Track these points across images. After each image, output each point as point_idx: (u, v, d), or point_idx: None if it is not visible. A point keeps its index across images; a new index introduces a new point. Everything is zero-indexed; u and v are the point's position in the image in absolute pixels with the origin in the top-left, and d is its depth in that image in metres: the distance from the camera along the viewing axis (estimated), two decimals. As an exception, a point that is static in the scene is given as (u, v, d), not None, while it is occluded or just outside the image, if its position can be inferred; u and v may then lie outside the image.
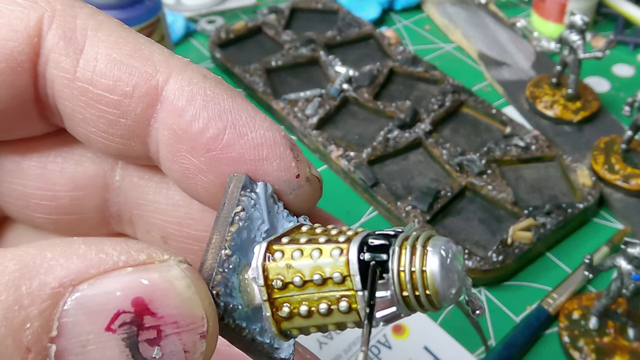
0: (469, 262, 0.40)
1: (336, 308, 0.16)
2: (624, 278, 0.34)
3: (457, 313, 0.39)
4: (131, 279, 0.14)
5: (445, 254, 0.16)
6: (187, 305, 0.15)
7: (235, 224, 0.17)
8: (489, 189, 0.44)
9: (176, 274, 0.15)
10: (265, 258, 0.17)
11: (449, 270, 0.16)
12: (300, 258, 0.16)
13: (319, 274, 0.16)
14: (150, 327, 0.14)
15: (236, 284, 0.17)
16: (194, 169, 0.18)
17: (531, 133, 0.48)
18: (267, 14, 0.62)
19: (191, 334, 0.15)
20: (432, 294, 0.15)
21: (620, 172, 0.45)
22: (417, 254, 0.15)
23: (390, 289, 0.16)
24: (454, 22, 0.62)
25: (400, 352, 0.37)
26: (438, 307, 0.16)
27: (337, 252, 0.16)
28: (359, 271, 0.16)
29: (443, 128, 0.50)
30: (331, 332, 0.37)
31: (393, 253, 0.16)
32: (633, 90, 0.49)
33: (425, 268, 0.15)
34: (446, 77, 0.54)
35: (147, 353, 0.14)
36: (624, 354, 0.36)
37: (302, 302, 0.16)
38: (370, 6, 0.64)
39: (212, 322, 0.15)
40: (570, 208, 0.43)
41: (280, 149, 0.18)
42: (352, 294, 0.16)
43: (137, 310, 0.14)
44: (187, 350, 0.15)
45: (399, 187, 0.45)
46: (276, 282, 0.16)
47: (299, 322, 0.17)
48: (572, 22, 0.49)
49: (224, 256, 0.17)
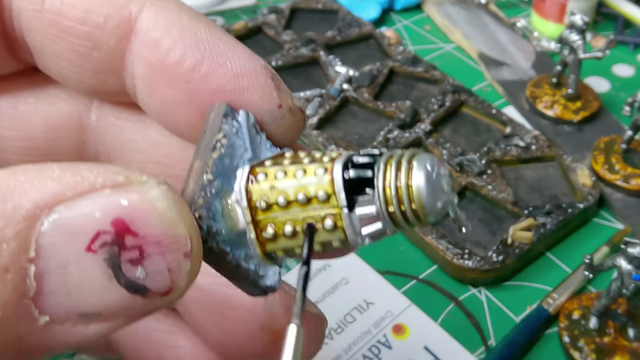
0: (469, 262, 0.40)
1: (321, 226, 0.16)
2: (624, 278, 0.34)
3: (457, 313, 0.39)
4: (110, 200, 0.14)
5: (430, 168, 0.15)
6: (169, 225, 0.14)
7: (217, 150, 0.17)
8: (489, 189, 0.44)
9: (156, 195, 0.14)
10: (248, 180, 0.17)
11: (435, 183, 0.15)
12: (284, 178, 0.16)
13: (303, 193, 0.16)
14: (132, 247, 0.14)
15: (219, 208, 0.17)
16: (173, 101, 0.17)
17: (531, 133, 0.48)
18: (267, 14, 0.62)
19: (175, 253, 0.14)
20: (418, 207, 0.15)
21: (621, 172, 0.45)
22: (403, 169, 0.15)
23: (376, 204, 0.15)
24: (454, 22, 0.62)
25: (400, 352, 0.37)
26: (424, 221, 0.16)
27: (322, 171, 0.16)
28: (343, 188, 0.16)
29: (443, 128, 0.50)
30: (331, 332, 0.37)
31: (378, 169, 0.16)
32: (633, 90, 0.49)
33: (410, 182, 0.15)
34: (446, 77, 0.54)
35: (130, 273, 0.14)
36: (624, 354, 0.36)
37: (286, 222, 0.16)
38: (370, 6, 0.64)
39: (195, 242, 0.15)
40: (570, 208, 0.43)
41: (261, 78, 0.18)
42: (337, 212, 0.16)
43: (118, 230, 0.14)
44: (171, 269, 0.15)
45: (399, 187, 0.45)
46: (260, 203, 0.16)
47: (284, 242, 0.16)
48: (572, 22, 0.49)
49: (205, 181, 0.17)
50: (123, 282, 0.14)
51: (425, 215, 0.15)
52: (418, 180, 0.15)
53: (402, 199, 0.15)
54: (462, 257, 0.40)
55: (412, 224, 0.16)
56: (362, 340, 0.37)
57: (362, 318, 0.38)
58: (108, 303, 0.14)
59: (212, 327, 0.21)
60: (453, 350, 0.37)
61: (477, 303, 0.40)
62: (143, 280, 0.14)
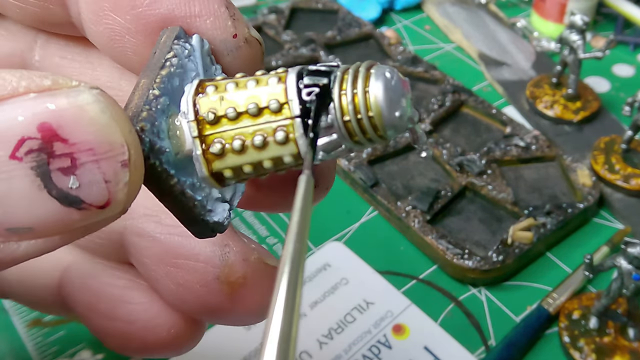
0: (469, 262, 0.40)
1: (272, 140, 0.15)
2: (624, 278, 0.34)
3: (458, 313, 0.39)
4: (35, 104, 0.13)
5: (390, 76, 0.14)
6: (102, 130, 0.13)
7: (167, 69, 0.16)
8: (489, 189, 0.44)
9: (87, 98, 0.13)
10: (196, 93, 0.16)
11: (393, 92, 0.14)
12: (235, 90, 0.15)
13: (254, 104, 0.15)
14: (63, 155, 0.13)
15: (164, 127, 0.16)
16: (120, 29, 0.17)
17: (531, 133, 0.48)
18: (267, 14, 0.62)
19: (111, 162, 0.13)
20: (376, 115, 0.14)
21: (621, 172, 0.45)
22: (360, 76, 0.14)
23: (331, 113, 0.15)
24: (454, 22, 0.62)
25: (400, 352, 0.37)
26: (382, 133, 0.15)
27: (275, 80, 0.15)
28: (297, 96, 0.15)
29: (443, 128, 0.50)
30: (331, 332, 0.37)
31: (335, 78, 0.15)
32: (633, 90, 0.49)
33: (368, 89, 0.14)
34: (446, 77, 0.54)
35: (62, 183, 0.13)
36: (624, 354, 0.36)
37: (235, 136, 0.15)
38: (370, 6, 0.64)
39: (134, 150, 0.14)
40: (570, 208, 0.43)
41: (214, 5, 0.16)
42: (289, 123, 0.15)
43: (45, 136, 0.13)
44: (107, 179, 0.14)
45: (399, 187, 0.45)
46: (208, 115, 0.15)
47: (232, 159, 0.15)
48: (572, 22, 0.49)
49: (151, 96, 0.15)
50: (54, 193, 0.13)
51: (383, 125, 0.15)
52: (376, 87, 0.14)
53: (359, 107, 0.14)
54: (462, 257, 0.40)
55: (370, 136, 0.15)
56: (362, 340, 0.37)
57: (362, 318, 0.38)
58: (39, 216, 0.13)
59: (167, 279, 0.20)
60: (453, 350, 0.37)
61: (477, 303, 0.40)
62: (77, 191, 0.13)
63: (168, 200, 0.16)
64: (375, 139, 0.15)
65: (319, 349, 0.36)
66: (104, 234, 0.21)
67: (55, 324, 0.38)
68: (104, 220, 0.14)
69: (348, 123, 0.15)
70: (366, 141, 0.15)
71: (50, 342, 0.38)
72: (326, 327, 0.38)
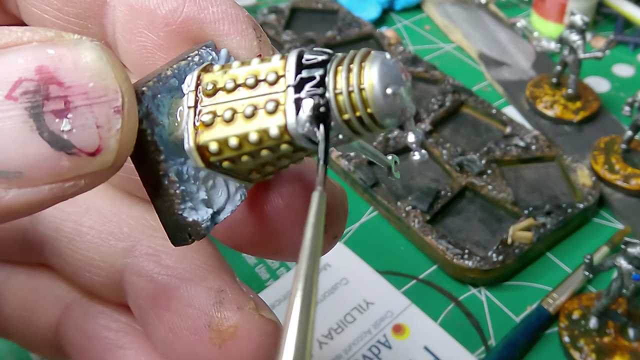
0: (469, 262, 0.40)
1: (263, 110, 0.15)
2: (624, 278, 0.34)
3: (458, 313, 0.39)
4: (35, 49, 0.13)
5: (389, 58, 0.14)
6: (97, 75, 0.14)
7: (187, 61, 0.16)
8: (489, 189, 0.44)
9: (86, 46, 0.14)
10: (204, 69, 0.16)
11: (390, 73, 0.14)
12: (239, 66, 0.15)
13: (253, 76, 0.15)
14: (57, 98, 0.13)
15: (167, 103, 0.16)
16: (152, 46, 0.17)
17: (531, 133, 0.48)
18: (267, 14, 0.62)
19: (103, 107, 0.14)
20: (368, 89, 0.14)
21: (621, 172, 0.45)
22: (354, 71, 0.14)
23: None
24: (454, 22, 0.62)
25: (400, 352, 0.37)
26: (382, 124, 0.15)
27: (278, 57, 0.15)
28: (295, 69, 0.15)
29: (443, 128, 0.50)
30: (331, 332, 0.37)
31: (334, 57, 0.15)
32: (633, 90, 0.49)
33: (363, 86, 0.14)
34: (446, 77, 0.54)
35: (54, 125, 0.13)
36: (624, 354, 0.36)
37: (227, 108, 0.15)
38: (370, 6, 0.64)
39: (128, 99, 0.14)
40: (570, 208, 0.43)
41: (242, 25, 0.17)
42: (282, 94, 0.15)
43: (42, 78, 0.13)
44: (99, 125, 0.14)
45: (399, 187, 0.45)
46: (207, 86, 0.15)
47: (220, 130, 0.15)
48: (572, 22, 0.49)
49: (163, 74, 0.16)
50: (46, 136, 0.13)
51: (381, 118, 0.14)
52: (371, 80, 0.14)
53: (356, 106, 0.14)
54: (462, 257, 0.40)
55: (371, 129, 0.15)
56: (362, 340, 0.37)
57: (362, 318, 0.38)
58: (29, 159, 0.13)
59: (158, 322, 0.20)
60: (453, 350, 0.37)
61: (477, 303, 0.40)
62: (68, 135, 0.13)
63: (149, 181, 0.16)
64: (375, 130, 0.15)
65: (319, 349, 0.36)
66: (105, 272, 0.21)
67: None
68: (95, 173, 0.14)
69: (339, 95, 0.14)
70: (366, 132, 0.15)
71: (50, 342, 0.38)
72: (326, 327, 0.38)
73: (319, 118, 0.15)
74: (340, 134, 0.15)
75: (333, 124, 0.15)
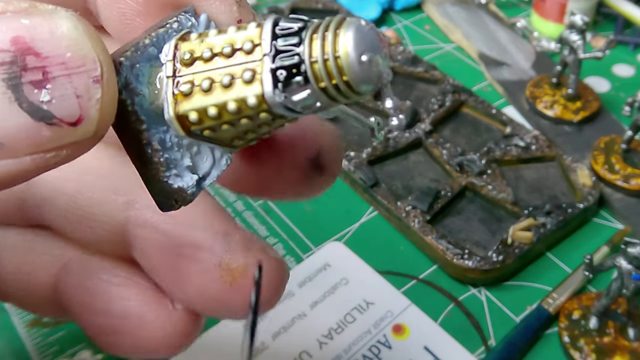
0: (469, 262, 0.40)
1: (240, 79, 0.15)
2: (624, 278, 0.34)
3: (458, 313, 0.39)
4: (10, 19, 0.13)
5: (364, 24, 0.14)
6: (74, 44, 0.13)
7: (165, 28, 0.16)
8: (489, 189, 0.44)
9: (61, 15, 0.14)
10: (181, 37, 0.16)
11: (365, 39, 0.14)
12: (215, 35, 0.15)
13: (230, 45, 0.15)
14: (35, 68, 0.13)
15: (146, 72, 0.16)
16: (131, 12, 0.17)
17: (531, 133, 0.48)
18: (267, 14, 0.62)
19: (82, 76, 0.14)
20: (343, 57, 0.14)
21: (621, 172, 0.45)
22: (329, 39, 0.14)
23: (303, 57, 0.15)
24: (454, 22, 0.62)
25: (400, 352, 0.37)
26: (358, 91, 0.15)
27: (254, 25, 0.15)
28: (271, 37, 0.15)
29: (443, 128, 0.50)
30: (331, 332, 0.37)
31: (310, 23, 0.15)
32: (633, 90, 0.49)
33: (338, 53, 0.14)
34: (446, 77, 0.54)
35: (33, 96, 0.13)
36: (624, 354, 0.36)
37: (205, 78, 0.15)
38: (370, 6, 0.64)
39: (106, 68, 0.14)
40: (570, 208, 0.43)
41: None
42: (259, 63, 0.15)
43: (18, 49, 0.13)
44: (79, 94, 0.14)
45: (399, 187, 0.45)
46: (184, 55, 0.15)
47: (199, 100, 0.15)
48: (572, 22, 0.49)
49: (141, 43, 0.16)
50: (25, 106, 0.13)
51: (357, 85, 0.15)
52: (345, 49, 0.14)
53: (332, 73, 0.14)
54: (462, 257, 0.40)
55: (348, 96, 0.15)
56: (362, 340, 0.37)
57: (362, 318, 0.38)
58: (9, 130, 0.13)
59: (169, 269, 0.20)
60: (453, 350, 0.37)
61: (477, 303, 0.40)
62: (48, 105, 0.13)
63: (133, 150, 0.16)
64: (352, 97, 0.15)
65: (319, 349, 0.36)
66: (107, 226, 0.21)
67: (55, 324, 0.38)
68: (77, 143, 0.14)
69: (314, 64, 0.14)
70: (343, 99, 0.15)
71: (50, 342, 0.38)
72: (326, 327, 0.38)
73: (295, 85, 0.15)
74: (317, 101, 0.15)
75: (309, 92, 0.15)
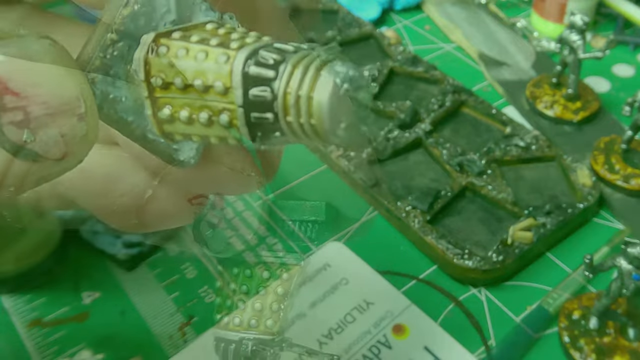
0: (469, 262, 0.40)
1: (217, 120, 0.14)
2: (624, 278, 0.34)
3: (458, 313, 0.39)
4: None
5: (341, 82, 0.13)
6: (54, 83, 0.13)
7: (130, 7, 0.15)
8: (489, 189, 0.44)
9: (38, 49, 0.13)
10: (149, 50, 0.15)
11: (341, 101, 0.13)
12: (184, 58, 0.14)
13: (201, 80, 0.14)
14: (15, 109, 0.13)
15: (122, 73, 0.15)
16: None
17: (531, 133, 0.48)
18: (267, 14, 0.62)
19: (66, 115, 0.13)
20: (317, 124, 0.13)
21: (621, 172, 0.45)
22: (309, 75, 0.13)
23: (275, 109, 0.14)
24: (454, 22, 0.62)
25: (400, 352, 0.37)
26: (325, 140, 0.14)
27: (223, 59, 0.14)
28: (242, 85, 0.14)
29: (443, 128, 0.50)
30: (331, 332, 0.37)
31: (283, 72, 0.14)
32: (633, 90, 0.49)
33: (313, 94, 0.13)
34: (446, 77, 0.54)
35: (16, 136, 0.13)
36: (624, 354, 0.36)
37: (183, 106, 0.15)
38: (370, 6, 0.64)
39: (90, 103, 0.14)
40: (570, 208, 0.43)
41: None
42: (233, 109, 0.14)
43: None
44: (64, 133, 0.13)
45: (399, 187, 0.45)
46: (156, 80, 0.15)
47: (181, 127, 0.15)
48: (572, 22, 0.49)
49: (108, 40, 0.15)
50: (7, 147, 0.13)
51: (325, 134, 0.14)
52: (321, 93, 0.13)
53: (301, 111, 0.13)
54: (462, 257, 0.40)
55: (312, 139, 0.14)
56: (362, 340, 0.37)
57: (362, 318, 0.38)
58: None
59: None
60: (453, 350, 0.37)
61: (477, 303, 0.40)
62: (32, 145, 0.13)
63: (134, 140, 0.16)
64: (317, 141, 0.14)
65: (319, 349, 0.36)
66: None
67: (55, 324, 0.38)
68: (62, 170, 0.14)
69: (290, 124, 0.14)
70: (307, 141, 0.14)
71: (50, 342, 0.38)
72: (326, 327, 0.38)
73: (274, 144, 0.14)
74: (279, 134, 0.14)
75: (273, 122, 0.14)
